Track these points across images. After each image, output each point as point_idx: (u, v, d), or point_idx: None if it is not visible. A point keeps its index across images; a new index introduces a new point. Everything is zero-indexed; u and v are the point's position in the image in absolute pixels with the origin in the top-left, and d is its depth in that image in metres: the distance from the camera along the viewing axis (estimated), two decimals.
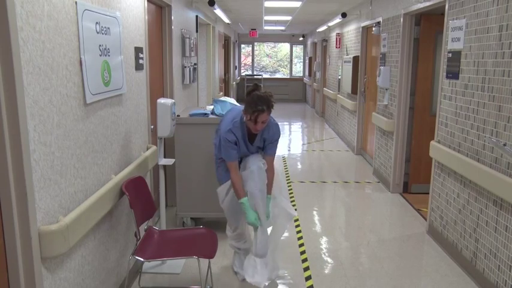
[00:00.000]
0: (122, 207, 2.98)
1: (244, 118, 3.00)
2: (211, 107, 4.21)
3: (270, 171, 3.15)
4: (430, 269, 3.56)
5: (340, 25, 8.95)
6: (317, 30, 11.65)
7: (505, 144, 2.85)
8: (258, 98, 2.92)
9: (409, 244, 4.01)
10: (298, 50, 17.46)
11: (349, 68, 7.67)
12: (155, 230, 3.05)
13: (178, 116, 3.91)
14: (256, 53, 17.47)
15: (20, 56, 1.75)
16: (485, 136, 3.14)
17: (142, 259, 2.75)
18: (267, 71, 17.78)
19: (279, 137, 3.21)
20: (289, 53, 17.21)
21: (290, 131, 10.41)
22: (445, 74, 3.88)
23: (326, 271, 3.50)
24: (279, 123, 3.26)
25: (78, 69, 2.28)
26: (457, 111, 3.63)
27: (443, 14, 3.96)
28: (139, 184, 2.98)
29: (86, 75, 2.35)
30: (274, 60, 18.32)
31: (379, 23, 6.00)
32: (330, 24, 9.30)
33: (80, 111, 2.31)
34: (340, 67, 8.77)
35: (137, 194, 2.87)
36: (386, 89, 5.63)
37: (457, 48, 3.63)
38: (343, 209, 5.11)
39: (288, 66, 17.45)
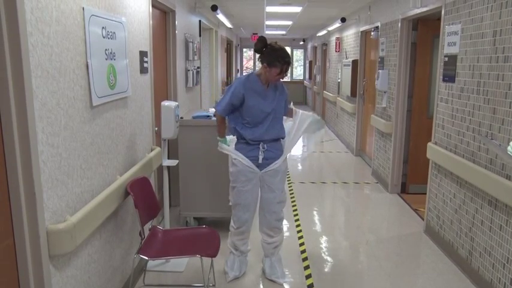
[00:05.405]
0: (127, 207, 3.02)
1: (268, 71, 3.06)
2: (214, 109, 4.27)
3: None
4: (427, 267, 3.62)
5: (340, 30, 9.02)
6: (317, 35, 11.72)
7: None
8: (282, 50, 3.05)
9: (407, 243, 4.07)
10: (298, 53, 17.53)
11: (348, 71, 7.73)
12: (159, 229, 3.10)
13: (181, 118, 3.95)
14: (257, 56, 17.52)
15: (29, 60, 1.78)
16: (481, 135, 3.21)
17: (146, 257, 2.79)
18: None
19: (287, 93, 3.33)
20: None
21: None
22: (441, 77, 3.94)
23: (326, 269, 3.55)
24: None
25: (84, 72, 2.31)
26: (453, 113, 3.69)
27: (439, 19, 4.02)
28: (144, 184, 3.01)
29: (92, 79, 2.39)
30: None
31: (377, 27, 6.06)
32: (330, 28, 9.38)
33: (86, 113, 2.34)
34: (339, 70, 8.83)
35: (142, 194, 2.90)
36: (384, 92, 5.69)
37: (453, 52, 3.70)
38: (343, 209, 5.17)
39: (289, 69, 17.51)
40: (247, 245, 3.41)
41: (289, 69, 3.28)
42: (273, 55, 3.03)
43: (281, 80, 3.18)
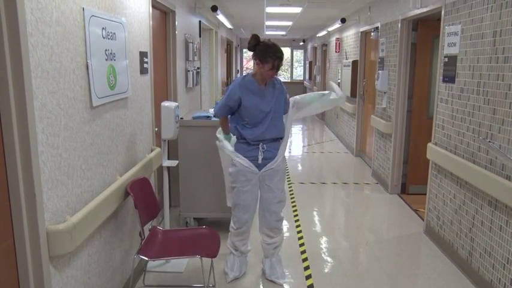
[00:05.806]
0: (127, 208, 3.02)
1: (262, 68, 3.08)
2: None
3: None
4: (427, 267, 3.62)
5: (340, 30, 9.02)
6: (317, 35, 11.72)
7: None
8: (274, 46, 3.08)
9: (407, 244, 4.07)
10: (298, 54, 17.56)
11: (348, 71, 7.74)
12: (159, 229, 3.10)
13: (181, 118, 3.96)
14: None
15: (29, 61, 1.79)
16: (479, 138, 3.21)
17: (146, 258, 2.79)
18: None
19: (286, 91, 3.34)
20: (289, 57, 17.29)
21: (291, 133, 10.45)
22: (441, 78, 3.94)
23: (326, 270, 3.55)
24: None
25: (84, 73, 2.31)
26: (453, 114, 3.69)
27: (439, 20, 4.02)
28: (144, 185, 3.01)
29: (92, 79, 2.39)
30: None
31: (377, 28, 6.06)
32: (330, 29, 9.38)
33: (86, 114, 2.35)
34: (339, 71, 8.83)
35: (142, 195, 2.90)
36: (384, 93, 5.70)
37: (453, 53, 3.70)
38: (343, 209, 5.17)
39: (289, 70, 17.53)
40: (247, 245, 3.41)
41: (283, 65, 3.29)
42: (265, 51, 3.05)
43: (276, 76, 3.20)
